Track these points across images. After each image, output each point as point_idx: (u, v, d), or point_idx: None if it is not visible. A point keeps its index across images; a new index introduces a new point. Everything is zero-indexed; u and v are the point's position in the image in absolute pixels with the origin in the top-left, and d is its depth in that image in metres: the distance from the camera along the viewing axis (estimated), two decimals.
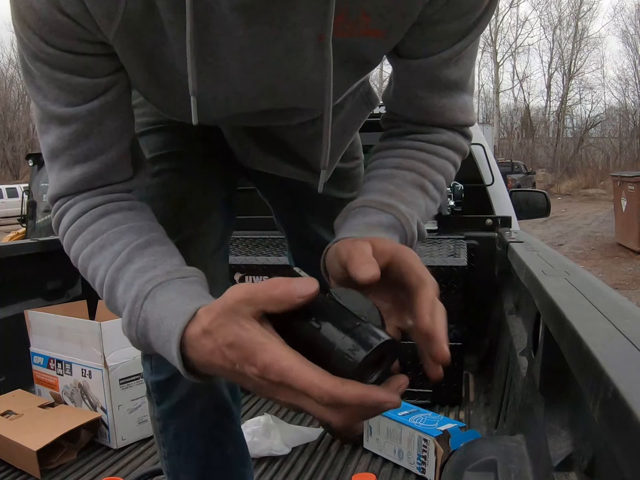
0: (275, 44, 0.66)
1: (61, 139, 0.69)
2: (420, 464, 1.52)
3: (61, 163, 0.70)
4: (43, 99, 0.68)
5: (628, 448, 0.48)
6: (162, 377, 0.97)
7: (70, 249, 0.70)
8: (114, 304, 0.65)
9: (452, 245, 2.14)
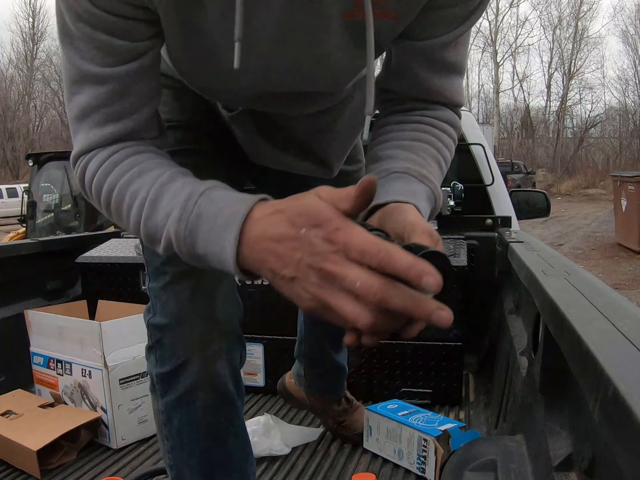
0: (305, 18, 0.70)
1: (96, 98, 0.71)
2: (420, 464, 1.52)
3: (92, 121, 0.73)
4: (80, 59, 0.70)
5: (628, 448, 0.48)
6: (167, 369, 0.97)
7: (103, 186, 0.71)
8: (154, 218, 0.66)
9: (452, 245, 2.14)
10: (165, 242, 0.66)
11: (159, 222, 0.65)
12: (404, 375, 1.99)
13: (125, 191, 0.69)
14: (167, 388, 0.99)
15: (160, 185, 0.66)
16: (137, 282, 2.21)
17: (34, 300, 2.16)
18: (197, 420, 1.00)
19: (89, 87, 0.72)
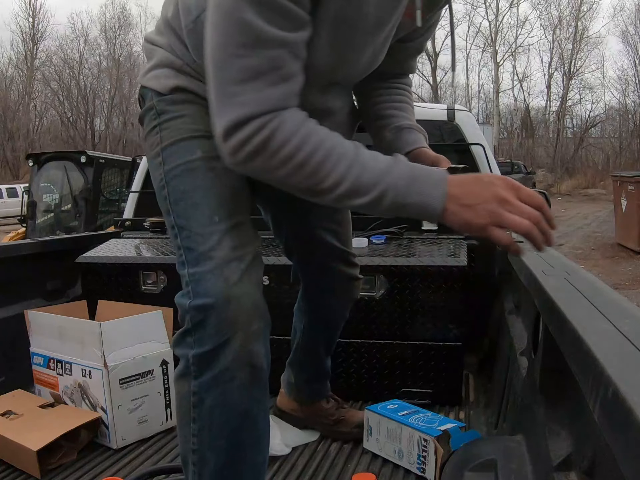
0: (387, 17, 1.01)
1: (272, 59, 0.83)
2: (420, 464, 1.52)
3: (265, 82, 0.83)
4: (264, 23, 0.81)
5: (628, 448, 0.48)
6: (208, 348, 0.99)
7: (305, 144, 0.85)
8: (365, 177, 0.87)
9: (452, 245, 2.14)
10: (377, 193, 0.87)
11: (372, 179, 0.87)
12: (404, 375, 1.99)
13: (331, 151, 0.86)
14: (204, 367, 1.00)
15: (357, 151, 0.88)
16: (137, 282, 2.21)
17: (34, 300, 2.16)
18: (231, 400, 1.01)
19: (265, 50, 0.82)
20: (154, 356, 1.82)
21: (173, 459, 1.64)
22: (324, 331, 1.66)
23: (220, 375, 1.00)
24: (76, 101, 35.64)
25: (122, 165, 7.22)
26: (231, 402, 1.01)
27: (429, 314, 1.97)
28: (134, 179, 2.96)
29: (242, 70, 0.81)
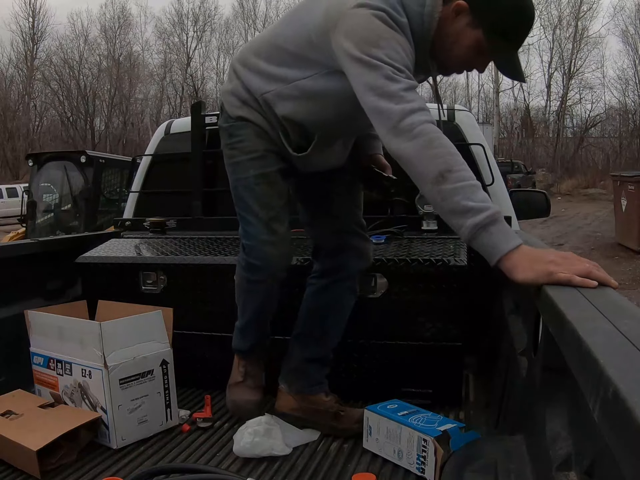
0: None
1: (413, 85, 1.33)
2: (420, 464, 1.52)
3: (417, 96, 1.32)
4: (404, 66, 1.33)
5: (628, 448, 0.48)
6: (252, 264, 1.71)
7: (446, 145, 1.26)
8: (467, 201, 1.22)
9: (452, 245, 2.14)
10: (464, 207, 1.22)
11: (475, 201, 1.20)
12: (404, 375, 1.99)
13: (460, 162, 1.25)
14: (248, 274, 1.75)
15: (476, 181, 1.24)
16: (137, 282, 2.21)
17: (34, 300, 2.16)
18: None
19: (409, 79, 1.32)
20: (154, 356, 1.82)
21: (173, 459, 1.65)
22: (333, 305, 1.83)
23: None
24: (76, 101, 35.65)
25: (122, 165, 7.22)
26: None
27: (429, 314, 1.97)
28: (134, 179, 2.97)
29: (402, 84, 1.30)
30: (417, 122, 1.24)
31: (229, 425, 1.86)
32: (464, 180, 1.20)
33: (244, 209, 1.68)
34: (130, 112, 36.12)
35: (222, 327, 2.14)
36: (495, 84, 31.24)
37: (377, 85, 1.28)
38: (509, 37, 1.37)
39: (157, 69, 36.81)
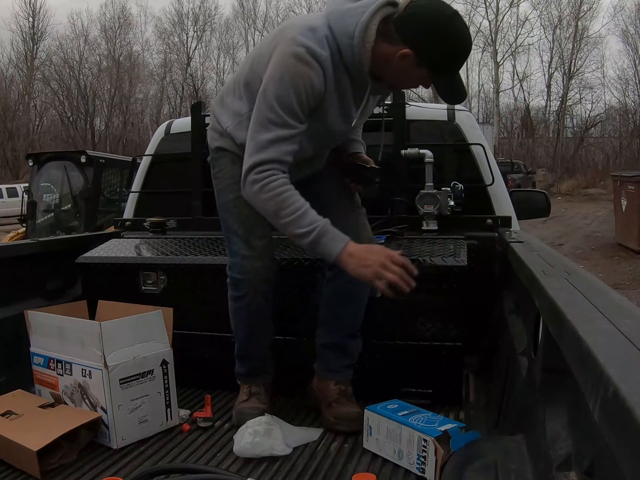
0: (354, 114, 1.72)
1: (286, 135, 1.57)
2: (420, 464, 1.52)
3: (281, 146, 1.57)
4: (287, 115, 1.56)
5: (628, 448, 0.48)
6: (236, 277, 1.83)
7: (276, 188, 1.56)
8: (299, 224, 1.55)
9: (452, 245, 2.14)
10: (299, 234, 1.56)
11: (303, 227, 1.55)
12: (404, 375, 1.99)
13: (289, 200, 1.56)
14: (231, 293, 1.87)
15: (304, 210, 1.56)
16: (137, 282, 2.21)
17: (34, 300, 2.16)
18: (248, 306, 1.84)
19: (284, 129, 1.56)
20: (154, 356, 1.82)
21: (173, 459, 1.65)
22: (343, 294, 1.87)
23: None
24: (76, 101, 35.64)
25: (122, 165, 7.22)
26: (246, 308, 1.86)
27: (429, 314, 1.97)
28: (134, 179, 2.97)
29: (272, 134, 1.56)
30: (260, 177, 1.56)
31: (229, 425, 1.86)
32: (293, 214, 1.55)
33: (227, 229, 1.83)
34: (130, 112, 36.11)
35: (222, 327, 2.14)
36: (495, 84, 31.26)
37: (253, 129, 1.59)
38: (450, 68, 1.58)
39: (157, 69, 36.82)
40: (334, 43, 1.56)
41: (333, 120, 1.67)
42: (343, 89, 1.63)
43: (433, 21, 1.52)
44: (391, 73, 1.60)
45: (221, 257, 2.14)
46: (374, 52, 1.56)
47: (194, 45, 36.65)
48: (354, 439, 1.74)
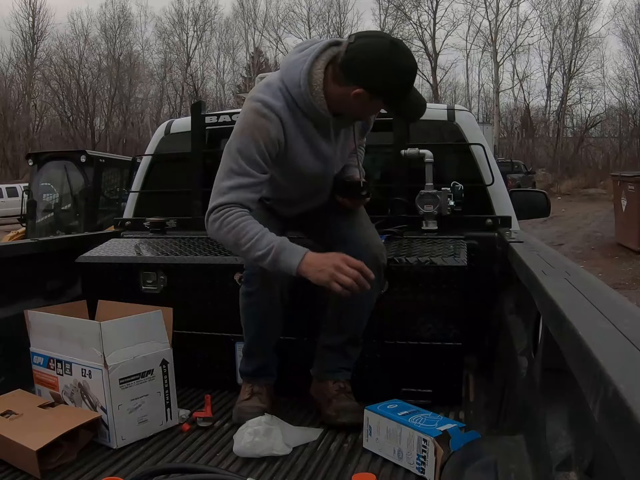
0: (328, 151, 1.82)
1: (247, 182, 1.69)
2: (420, 464, 1.52)
3: (239, 191, 1.68)
4: (247, 166, 1.68)
5: (628, 448, 0.48)
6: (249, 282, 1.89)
7: (233, 221, 1.66)
8: (257, 247, 1.64)
9: (452, 245, 2.14)
10: (259, 256, 1.65)
11: (262, 249, 1.64)
12: (404, 375, 1.99)
13: (245, 229, 1.66)
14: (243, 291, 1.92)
15: (261, 234, 1.65)
16: (137, 282, 2.21)
17: (34, 300, 2.16)
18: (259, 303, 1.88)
19: (245, 177, 1.68)
20: (154, 356, 1.82)
21: (173, 459, 1.65)
22: (349, 302, 1.82)
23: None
24: (76, 101, 35.64)
25: (122, 164, 7.22)
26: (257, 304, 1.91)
27: (429, 314, 1.97)
28: (134, 178, 2.97)
29: (232, 181, 1.68)
30: (217, 215, 1.68)
31: (229, 425, 1.86)
32: (250, 240, 1.65)
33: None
34: (130, 111, 36.10)
35: (222, 327, 2.14)
36: (495, 83, 31.26)
37: (217, 177, 1.72)
38: (404, 93, 1.69)
39: (157, 69, 36.81)
40: (287, 94, 1.69)
41: (305, 161, 1.77)
42: (306, 132, 1.74)
43: (374, 58, 1.62)
44: (350, 109, 1.72)
45: (221, 257, 2.15)
46: (328, 95, 1.68)
47: (194, 45, 36.67)
48: (353, 438, 1.74)
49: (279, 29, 35.04)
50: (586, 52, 31.18)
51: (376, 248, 1.88)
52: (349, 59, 1.63)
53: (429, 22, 32.83)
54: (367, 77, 1.63)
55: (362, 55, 1.63)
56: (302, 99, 1.69)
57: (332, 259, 1.63)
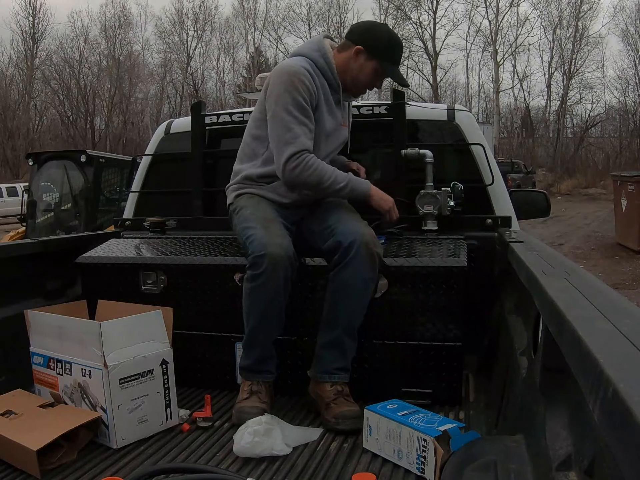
0: (338, 115, 2.17)
1: (308, 130, 2.01)
2: (420, 464, 1.52)
3: (306, 137, 1.99)
4: (299, 114, 2.00)
5: (628, 448, 0.48)
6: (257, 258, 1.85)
7: (315, 165, 1.98)
8: (336, 180, 2.01)
9: (452, 245, 2.14)
10: (341, 187, 2.02)
11: (342, 182, 2.01)
12: (404, 375, 1.99)
13: (324, 169, 2.00)
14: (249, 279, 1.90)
15: (334, 171, 2.03)
16: (137, 282, 2.21)
17: (34, 300, 2.16)
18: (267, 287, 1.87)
19: (302, 126, 1.99)
20: (154, 356, 1.82)
21: (173, 459, 1.65)
22: (341, 290, 1.92)
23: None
24: (76, 100, 35.64)
25: (122, 164, 7.22)
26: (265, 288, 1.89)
27: (429, 314, 1.97)
28: (134, 178, 2.97)
29: (298, 131, 1.98)
30: (297, 162, 1.96)
31: (229, 425, 1.86)
32: (331, 177, 1.99)
33: (245, 230, 1.96)
34: (130, 111, 36.10)
35: (222, 327, 2.14)
36: (495, 83, 31.26)
37: (279, 133, 1.99)
38: (393, 58, 2.14)
39: (157, 69, 36.80)
40: (307, 59, 2.07)
41: (325, 119, 2.08)
42: (325, 92, 2.08)
43: (373, 24, 2.22)
44: (351, 74, 2.10)
45: (221, 257, 2.15)
46: (336, 63, 2.09)
47: (194, 45, 36.67)
48: (353, 438, 1.74)
49: (279, 29, 35.02)
50: (586, 52, 31.20)
51: (368, 236, 1.92)
52: (353, 27, 2.18)
53: (429, 22, 32.86)
54: (366, 37, 2.08)
55: (362, 24, 2.20)
56: (320, 60, 2.07)
57: (389, 198, 2.11)
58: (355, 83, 2.12)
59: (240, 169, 2.17)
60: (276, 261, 1.82)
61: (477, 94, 34.47)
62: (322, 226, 2.02)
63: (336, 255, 1.91)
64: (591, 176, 24.28)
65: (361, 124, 2.45)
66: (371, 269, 1.89)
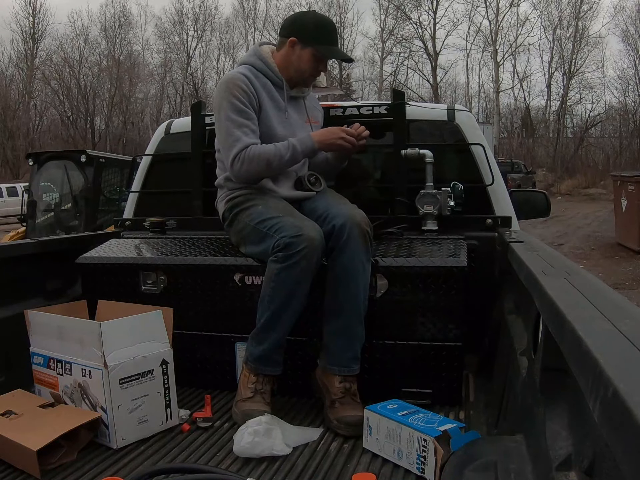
0: (288, 110, 2.23)
1: (250, 128, 2.08)
2: (420, 464, 1.52)
3: (248, 136, 2.06)
4: (237, 117, 2.08)
5: (628, 448, 0.48)
6: (288, 241, 1.85)
7: (257, 153, 2.04)
8: (278, 154, 2.06)
9: (452, 245, 2.14)
10: (289, 157, 2.07)
11: (286, 153, 2.06)
12: (404, 375, 1.99)
13: (264, 152, 2.05)
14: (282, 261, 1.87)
15: (276, 145, 2.07)
16: (137, 282, 2.21)
17: (34, 300, 2.16)
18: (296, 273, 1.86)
19: (243, 127, 2.07)
20: (154, 356, 1.82)
21: (173, 459, 1.65)
22: (341, 277, 1.91)
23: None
24: (76, 100, 35.63)
25: (122, 164, 7.22)
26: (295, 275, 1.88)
27: (429, 314, 1.97)
28: (134, 178, 2.97)
29: (239, 130, 2.06)
30: (240, 157, 2.04)
31: (229, 425, 1.86)
32: (275, 155, 2.05)
33: (264, 222, 1.97)
34: (130, 111, 36.10)
35: (222, 327, 2.14)
36: (495, 83, 31.26)
37: (223, 139, 2.11)
38: (328, 39, 2.18)
39: (157, 69, 36.81)
40: (246, 65, 2.18)
41: (271, 116, 2.14)
42: (269, 90, 2.16)
43: (298, 14, 2.30)
44: (293, 66, 2.17)
45: (221, 257, 2.14)
46: (277, 61, 2.18)
47: (194, 45, 36.69)
48: (353, 439, 1.74)
49: (279, 29, 35.04)
50: (586, 52, 31.22)
51: (358, 217, 1.95)
52: (282, 24, 2.28)
53: (429, 22, 32.89)
54: (295, 28, 2.17)
55: (290, 17, 2.30)
56: (258, 62, 2.18)
57: (333, 130, 2.13)
58: (300, 74, 2.18)
59: (221, 180, 2.24)
60: (314, 244, 1.84)
61: (477, 94, 34.50)
62: (314, 217, 2.02)
63: (331, 239, 1.92)
64: (591, 176, 24.30)
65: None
66: (366, 250, 1.92)
